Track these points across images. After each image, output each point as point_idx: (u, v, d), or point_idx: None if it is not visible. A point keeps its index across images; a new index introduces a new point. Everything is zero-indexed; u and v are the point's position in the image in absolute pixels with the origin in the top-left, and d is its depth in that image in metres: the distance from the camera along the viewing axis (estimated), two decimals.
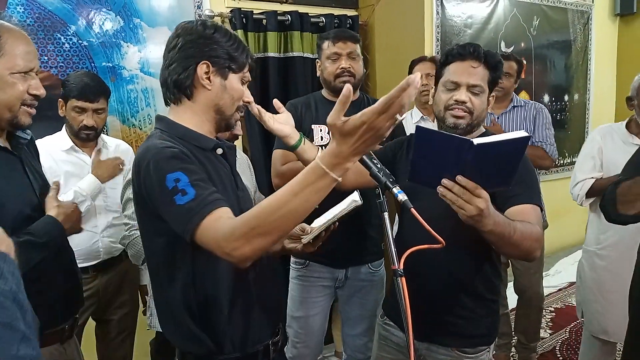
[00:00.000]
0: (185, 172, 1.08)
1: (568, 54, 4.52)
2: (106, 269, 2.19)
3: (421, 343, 1.55)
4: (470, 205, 1.15)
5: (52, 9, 2.48)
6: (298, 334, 2.19)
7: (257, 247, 1.00)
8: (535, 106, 2.80)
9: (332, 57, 2.08)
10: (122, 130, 2.71)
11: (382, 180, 1.11)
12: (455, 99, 1.47)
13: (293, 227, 1.04)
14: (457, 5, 3.58)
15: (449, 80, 1.49)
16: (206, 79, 1.20)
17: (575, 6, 4.48)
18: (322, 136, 2.08)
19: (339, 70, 2.06)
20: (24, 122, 1.29)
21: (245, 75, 1.27)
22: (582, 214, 4.49)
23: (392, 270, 1.06)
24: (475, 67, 1.48)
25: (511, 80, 2.75)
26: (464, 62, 1.49)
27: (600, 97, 4.84)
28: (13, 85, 1.24)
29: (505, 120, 2.77)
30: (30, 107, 1.29)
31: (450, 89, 1.49)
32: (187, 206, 1.05)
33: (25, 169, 1.36)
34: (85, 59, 2.59)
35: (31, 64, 1.26)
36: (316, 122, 2.10)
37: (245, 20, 2.97)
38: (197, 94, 1.23)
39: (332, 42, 2.09)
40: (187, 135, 1.21)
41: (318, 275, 2.13)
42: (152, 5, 2.76)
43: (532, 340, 2.89)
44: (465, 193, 1.15)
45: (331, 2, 3.42)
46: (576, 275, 2.59)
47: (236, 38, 1.26)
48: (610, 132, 2.37)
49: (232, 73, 1.23)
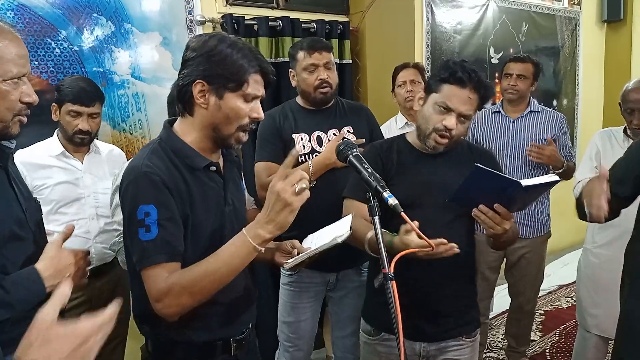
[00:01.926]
0: (157, 208, 1.15)
1: (556, 60, 4.57)
2: (99, 275, 2.17)
3: (430, 345, 1.60)
4: (499, 227, 1.40)
5: (43, 14, 2.47)
6: (290, 338, 2.19)
7: (186, 305, 1.13)
8: (555, 115, 2.71)
9: (309, 69, 2.08)
10: (112, 135, 2.70)
11: (373, 185, 1.12)
12: (445, 125, 1.52)
13: (218, 288, 1.16)
14: (447, 11, 3.62)
15: (445, 103, 1.52)
16: (201, 98, 1.22)
17: (563, 12, 4.54)
18: (304, 144, 2.09)
19: (317, 81, 2.07)
20: (14, 132, 1.17)
21: (248, 94, 1.23)
22: (570, 219, 4.54)
23: (382, 274, 1.06)
24: (471, 98, 1.53)
25: (527, 82, 2.67)
26: (463, 90, 1.52)
27: (589, 102, 4.90)
28: (6, 95, 1.12)
29: (521, 125, 2.69)
30: (23, 116, 1.18)
31: (442, 112, 1.53)
32: (145, 245, 1.14)
33: (11, 181, 1.24)
34: (76, 63, 2.58)
35: (24, 69, 1.15)
36: (296, 131, 2.10)
37: (237, 26, 2.98)
38: (196, 111, 1.25)
39: (307, 53, 2.09)
40: (181, 151, 1.25)
41: (309, 281, 2.14)
42: (143, 11, 2.76)
43: (522, 345, 2.90)
44: (496, 217, 1.39)
45: (322, 8, 3.44)
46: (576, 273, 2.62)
47: (237, 54, 1.21)
48: (609, 136, 2.42)
49: (228, 92, 1.21)
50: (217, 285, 1.14)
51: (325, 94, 2.09)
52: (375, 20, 3.52)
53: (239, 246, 1.11)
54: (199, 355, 1.32)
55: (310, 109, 2.15)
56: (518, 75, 2.66)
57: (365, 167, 1.18)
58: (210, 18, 2.93)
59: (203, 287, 1.12)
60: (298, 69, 2.12)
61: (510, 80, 2.68)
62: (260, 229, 1.09)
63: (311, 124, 2.11)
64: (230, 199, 1.35)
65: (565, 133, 2.71)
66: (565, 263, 4.50)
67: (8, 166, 1.25)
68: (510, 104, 2.74)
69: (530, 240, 2.69)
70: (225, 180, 1.34)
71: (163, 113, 2.82)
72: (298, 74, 2.13)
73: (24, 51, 1.16)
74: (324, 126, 2.12)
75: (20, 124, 1.18)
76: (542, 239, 2.74)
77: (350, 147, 1.29)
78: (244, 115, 1.24)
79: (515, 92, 2.67)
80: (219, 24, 2.97)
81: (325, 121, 2.13)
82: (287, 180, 1.07)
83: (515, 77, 2.66)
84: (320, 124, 2.12)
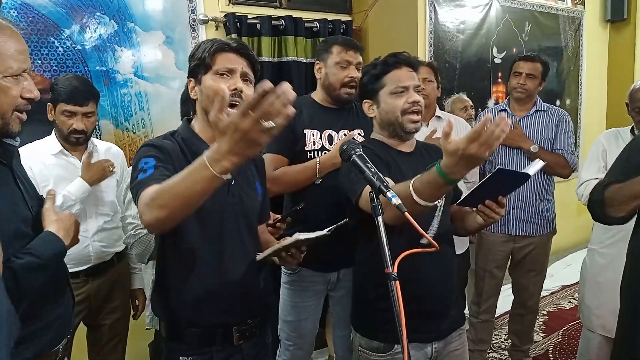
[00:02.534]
0: (155, 158, 1.28)
1: (560, 60, 4.56)
2: (97, 274, 2.16)
3: (439, 342, 1.62)
4: (497, 216, 1.46)
5: (46, 12, 2.48)
6: (290, 337, 2.19)
7: (154, 216, 1.13)
8: (559, 112, 2.72)
9: (342, 64, 2.06)
10: (115, 134, 2.70)
11: (376, 185, 1.12)
12: (412, 101, 1.58)
13: (182, 206, 1.11)
14: (450, 10, 3.61)
15: (397, 86, 1.60)
16: (192, 92, 1.42)
17: (567, 12, 4.53)
18: (315, 141, 2.08)
19: (347, 78, 2.05)
20: (14, 129, 1.17)
21: (217, 69, 1.35)
22: (573, 219, 4.53)
23: (386, 274, 1.06)
24: (411, 72, 1.63)
25: (535, 82, 2.66)
26: (402, 69, 1.62)
27: (592, 102, 4.88)
28: (6, 91, 1.12)
29: (527, 123, 2.70)
30: (22, 113, 1.18)
31: (400, 95, 1.59)
32: (140, 180, 1.24)
33: (17, 180, 1.26)
34: (78, 62, 2.58)
35: (24, 64, 1.15)
36: (308, 127, 2.09)
37: (240, 25, 2.98)
38: (196, 104, 1.43)
39: (344, 48, 2.07)
40: (189, 139, 1.40)
41: (310, 280, 2.14)
42: (146, 10, 2.76)
43: (525, 343, 2.90)
44: (498, 208, 1.44)
45: (325, 8, 3.44)
46: (580, 273, 2.61)
47: (206, 44, 1.39)
48: (616, 136, 2.40)
49: (203, 76, 1.37)
50: (180, 201, 1.09)
51: (350, 94, 2.08)
52: (378, 19, 3.52)
53: (197, 167, 1.05)
54: (199, 339, 1.38)
55: (325, 107, 2.13)
56: (528, 74, 2.65)
57: (368, 166, 1.18)
58: (213, 17, 2.93)
59: (166, 199, 1.10)
60: (329, 62, 2.09)
61: (519, 79, 2.67)
62: (223, 160, 1.01)
63: (324, 121, 2.10)
64: (237, 193, 1.42)
65: (566, 127, 2.70)
66: (568, 263, 4.49)
67: (12, 164, 1.26)
68: (517, 103, 2.73)
69: (536, 237, 2.70)
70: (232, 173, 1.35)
71: (166, 112, 2.84)
72: (328, 67, 2.09)
73: (24, 46, 1.16)
74: (337, 125, 2.10)
75: (20, 121, 1.18)
76: (547, 236, 2.76)
77: (354, 147, 1.29)
78: (216, 90, 1.32)
79: (524, 91, 2.66)
80: (221, 23, 2.96)
81: (338, 121, 2.11)
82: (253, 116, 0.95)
83: (524, 76, 2.65)
84: (333, 123, 2.10)
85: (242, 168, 1.41)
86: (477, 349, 2.90)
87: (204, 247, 1.38)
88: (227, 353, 1.42)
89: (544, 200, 2.69)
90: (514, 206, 2.67)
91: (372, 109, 1.66)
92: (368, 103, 1.67)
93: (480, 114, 2.93)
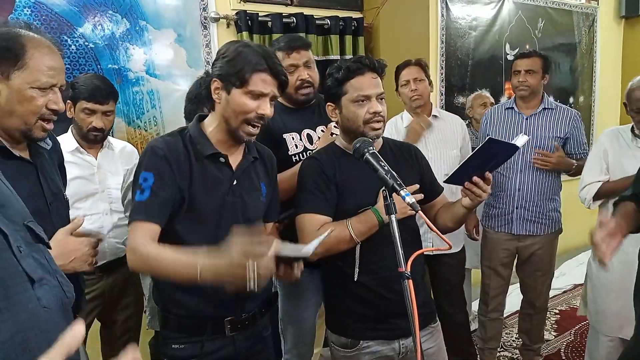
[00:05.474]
0: (155, 175, 1.34)
1: (573, 56, 4.51)
2: (112, 270, 2.19)
3: (407, 339, 1.61)
4: (485, 194, 1.48)
5: (59, 11, 2.49)
6: (292, 336, 2.20)
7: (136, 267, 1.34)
8: (569, 112, 2.66)
9: (288, 70, 1.95)
10: (127, 131, 2.72)
11: (390, 183, 1.11)
12: (373, 111, 1.55)
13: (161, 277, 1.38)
14: (462, 7, 3.59)
15: (360, 95, 1.56)
16: (216, 94, 1.40)
17: (580, 8, 4.48)
18: (296, 144, 2.05)
19: (298, 82, 2.01)
20: (36, 135, 1.27)
21: (251, 90, 1.35)
22: (585, 217, 4.48)
23: (399, 273, 1.06)
24: (375, 78, 1.58)
25: (536, 77, 2.61)
26: (365, 76, 1.57)
27: (605, 99, 4.83)
28: (31, 100, 1.21)
29: (534, 122, 2.64)
30: (47, 122, 1.27)
31: (362, 103, 1.56)
32: (136, 204, 1.35)
33: (39, 176, 1.33)
34: (91, 60, 2.60)
35: (53, 79, 1.24)
36: (286, 131, 2.06)
37: (251, 23, 2.98)
38: (215, 106, 1.44)
39: (285, 53, 2.00)
40: (196, 139, 1.42)
41: (309, 278, 2.13)
42: (157, 8, 2.77)
43: (535, 342, 2.88)
44: (485, 185, 1.47)
45: (336, 5, 3.43)
46: (585, 273, 2.59)
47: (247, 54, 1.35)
48: (617, 135, 2.36)
49: (235, 88, 1.36)
50: (161, 276, 1.34)
51: (307, 95, 2.04)
52: (390, 16, 3.50)
53: (189, 264, 1.22)
54: (190, 329, 1.43)
55: (293, 108, 2.12)
56: (526, 70, 2.61)
57: (382, 164, 1.17)
58: (225, 15, 2.94)
59: (150, 268, 1.33)
60: None
61: (519, 77, 2.64)
62: (212, 277, 1.19)
63: (299, 122, 2.07)
64: (238, 193, 1.44)
65: (580, 129, 2.67)
66: (581, 262, 4.44)
67: (38, 163, 1.34)
68: (522, 101, 2.69)
69: (541, 237, 2.67)
70: (235, 174, 1.44)
71: (177, 110, 2.84)
72: None
73: (58, 65, 1.25)
74: (311, 124, 2.08)
75: (44, 129, 1.27)
76: (553, 235, 2.73)
77: (367, 145, 1.29)
78: (248, 111, 1.36)
79: (527, 88, 2.62)
80: (233, 21, 2.97)
81: (312, 118, 2.09)
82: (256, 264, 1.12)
83: (523, 73, 2.62)
84: (307, 122, 2.08)
85: (246, 168, 1.47)
86: (487, 347, 2.89)
87: (200, 242, 1.36)
88: (219, 343, 1.45)
89: (550, 200, 2.66)
90: (518, 206, 2.64)
91: (335, 113, 1.65)
92: (331, 107, 1.65)
93: (486, 112, 2.89)
